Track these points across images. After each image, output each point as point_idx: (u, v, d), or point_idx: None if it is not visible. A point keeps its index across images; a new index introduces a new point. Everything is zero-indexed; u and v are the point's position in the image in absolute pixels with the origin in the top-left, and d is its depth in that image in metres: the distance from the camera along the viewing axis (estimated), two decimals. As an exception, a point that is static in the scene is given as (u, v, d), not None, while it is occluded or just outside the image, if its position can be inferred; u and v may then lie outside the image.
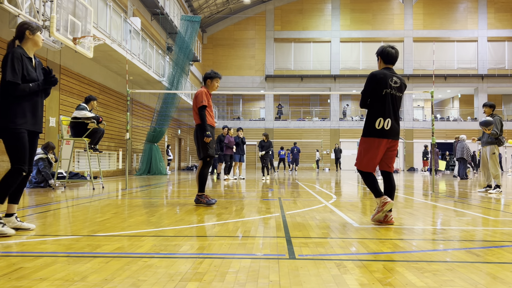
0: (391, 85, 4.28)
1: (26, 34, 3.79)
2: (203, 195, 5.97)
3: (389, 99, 4.26)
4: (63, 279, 2.28)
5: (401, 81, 4.37)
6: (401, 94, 4.36)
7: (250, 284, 2.24)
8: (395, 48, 4.45)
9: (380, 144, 4.25)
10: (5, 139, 3.60)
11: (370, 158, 4.29)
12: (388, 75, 4.29)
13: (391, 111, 4.25)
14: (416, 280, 2.32)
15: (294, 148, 24.22)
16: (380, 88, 4.26)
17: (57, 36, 9.49)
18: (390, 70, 4.39)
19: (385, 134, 4.23)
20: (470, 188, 10.72)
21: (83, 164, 14.00)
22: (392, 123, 4.24)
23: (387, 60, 4.41)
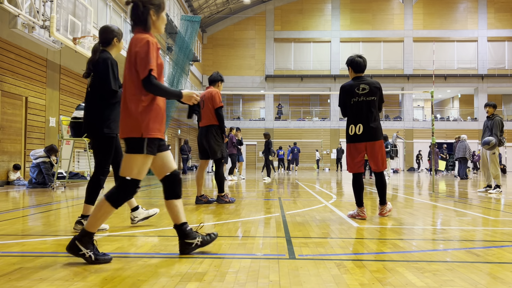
0: (359, 93, 4.69)
1: (114, 41, 3.88)
2: (225, 195, 6.24)
3: (358, 106, 4.67)
4: (63, 279, 2.28)
5: (370, 85, 4.70)
6: (373, 97, 4.68)
7: (250, 284, 2.24)
8: (362, 58, 4.85)
9: (357, 148, 4.70)
10: (98, 143, 3.73)
11: (351, 161, 4.77)
12: (354, 85, 4.73)
13: (362, 117, 4.65)
14: (416, 280, 2.32)
15: (294, 148, 24.18)
16: (349, 98, 4.73)
17: (57, 36, 9.49)
18: (359, 78, 4.80)
19: (359, 138, 4.67)
20: (470, 188, 10.72)
21: (83, 164, 14.00)
22: (364, 127, 4.63)
23: (356, 70, 4.83)
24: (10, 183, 10.27)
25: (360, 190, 4.73)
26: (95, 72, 3.74)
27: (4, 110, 10.24)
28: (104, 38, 3.83)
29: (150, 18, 2.78)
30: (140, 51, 2.65)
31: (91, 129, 3.72)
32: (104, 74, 3.66)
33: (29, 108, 11.15)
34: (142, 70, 2.64)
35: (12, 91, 10.52)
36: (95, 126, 3.68)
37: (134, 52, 2.67)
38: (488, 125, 8.66)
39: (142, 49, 2.65)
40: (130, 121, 2.68)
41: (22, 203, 6.41)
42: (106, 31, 3.84)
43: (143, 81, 2.64)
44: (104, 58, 3.71)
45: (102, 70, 3.67)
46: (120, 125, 2.78)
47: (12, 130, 10.55)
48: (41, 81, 11.79)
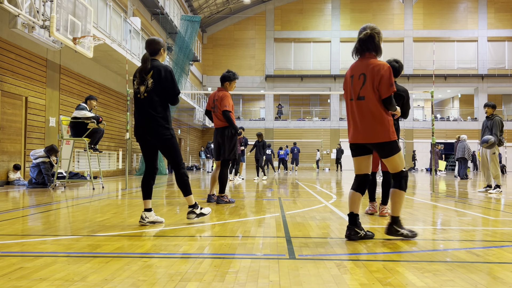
0: None
1: (161, 51, 4.22)
2: (225, 196, 6.27)
3: None
4: (63, 279, 2.28)
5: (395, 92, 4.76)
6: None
7: (250, 284, 2.24)
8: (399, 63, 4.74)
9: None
10: (167, 145, 4.08)
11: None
12: None
13: None
14: (416, 280, 2.32)
15: (294, 148, 24.18)
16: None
17: (57, 36, 9.49)
18: None
19: None
20: (470, 188, 10.72)
21: (83, 164, 14.00)
22: None
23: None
24: (10, 183, 10.27)
25: (373, 186, 5.01)
26: (158, 79, 4.02)
27: (4, 110, 10.24)
28: (153, 49, 4.16)
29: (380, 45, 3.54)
30: (385, 75, 3.36)
31: (155, 134, 4.02)
32: (169, 81, 4.05)
33: (29, 108, 11.15)
34: (385, 92, 3.36)
35: (12, 91, 10.52)
36: (161, 131, 4.02)
37: (380, 75, 3.36)
38: (488, 125, 8.66)
39: (386, 74, 3.36)
40: (384, 129, 3.36)
41: (22, 203, 6.41)
42: (155, 43, 4.18)
43: (386, 99, 3.37)
44: (165, 66, 4.09)
45: (165, 77, 4.04)
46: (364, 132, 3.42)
47: (12, 130, 10.55)
48: (41, 81, 11.79)
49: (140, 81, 4.08)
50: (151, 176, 4.19)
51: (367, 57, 3.48)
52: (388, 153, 3.41)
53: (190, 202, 4.23)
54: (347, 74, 3.63)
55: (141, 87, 4.08)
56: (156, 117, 4.02)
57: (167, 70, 4.07)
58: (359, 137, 3.45)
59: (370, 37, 3.46)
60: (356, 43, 3.56)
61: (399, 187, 3.44)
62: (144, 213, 4.13)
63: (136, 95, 4.13)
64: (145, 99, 4.06)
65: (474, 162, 27.16)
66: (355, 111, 3.46)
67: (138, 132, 4.12)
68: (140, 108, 4.09)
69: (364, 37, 3.47)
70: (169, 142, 4.07)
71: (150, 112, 4.03)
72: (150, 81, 4.04)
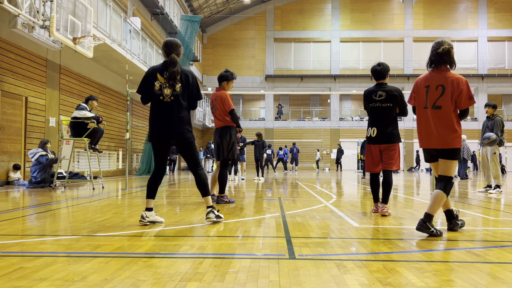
0: (375, 99, 5.02)
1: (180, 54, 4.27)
2: (225, 196, 6.29)
3: (375, 111, 5.04)
4: (63, 279, 2.28)
5: (388, 92, 4.98)
6: (389, 104, 4.96)
7: (250, 284, 2.24)
8: (382, 65, 5.09)
9: (372, 149, 5.12)
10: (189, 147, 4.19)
11: (368, 160, 5.21)
12: (372, 91, 5.07)
13: (377, 121, 5.02)
14: (416, 280, 2.32)
15: (293, 148, 24.21)
16: (367, 103, 5.11)
17: (57, 36, 9.49)
18: (378, 85, 5.10)
19: (373, 140, 5.06)
20: (470, 188, 10.72)
21: (83, 164, 14.00)
22: (378, 131, 4.99)
23: (375, 77, 5.17)
24: (10, 183, 10.27)
25: (377, 187, 5.20)
26: (186, 84, 4.11)
27: (4, 110, 10.24)
28: (179, 52, 4.22)
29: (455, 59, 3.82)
30: (464, 89, 3.65)
31: (181, 136, 4.10)
32: (195, 87, 4.16)
33: (29, 108, 11.15)
34: (465, 103, 3.67)
35: (12, 91, 10.52)
36: (186, 134, 4.12)
37: (460, 89, 3.64)
38: (489, 125, 8.66)
39: (465, 87, 3.65)
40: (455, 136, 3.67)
41: (22, 203, 6.41)
42: (179, 45, 4.23)
43: (465, 110, 3.71)
44: (191, 72, 4.20)
45: (193, 83, 4.15)
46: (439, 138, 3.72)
47: (12, 130, 10.55)
48: (41, 81, 11.79)
49: (168, 83, 4.04)
50: (160, 177, 4.22)
51: (443, 70, 3.77)
52: (450, 157, 3.75)
53: (209, 202, 4.25)
54: (420, 84, 3.87)
55: (166, 90, 4.05)
56: (183, 121, 4.09)
57: (193, 75, 4.20)
58: (433, 142, 3.78)
59: (448, 52, 3.75)
60: (431, 56, 3.82)
61: (444, 190, 3.70)
62: (145, 212, 4.13)
63: (158, 97, 4.07)
64: (171, 103, 4.05)
65: (474, 162, 27.17)
66: (430, 118, 3.75)
67: (160, 135, 4.09)
68: (165, 111, 4.06)
69: (442, 51, 3.75)
70: (192, 145, 4.19)
71: (177, 115, 4.06)
72: (178, 85, 4.06)
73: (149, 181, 4.21)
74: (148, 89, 4.11)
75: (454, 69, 3.80)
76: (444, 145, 3.72)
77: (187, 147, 4.17)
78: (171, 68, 4.04)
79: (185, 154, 4.22)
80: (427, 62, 3.88)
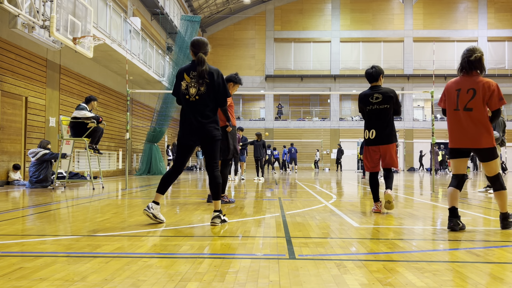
0: (372, 102, 5.13)
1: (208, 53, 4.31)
2: (225, 196, 6.27)
3: (372, 113, 5.14)
4: (63, 279, 2.28)
5: (384, 94, 5.11)
6: (385, 105, 5.09)
7: (250, 284, 2.24)
8: (375, 68, 5.24)
9: (370, 150, 5.22)
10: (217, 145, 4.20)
11: (367, 161, 5.29)
12: (369, 94, 5.19)
13: (375, 123, 5.13)
14: (416, 280, 2.32)
15: (291, 148, 24.28)
16: (364, 106, 5.24)
17: (57, 36, 9.49)
18: (374, 88, 5.23)
19: (372, 142, 5.17)
20: (470, 188, 10.72)
21: (83, 164, 14.00)
22: (376, 132, 5.11)
23: (369, 80, 5.29)
24: (10, 183, 10.27)
25: (376, 186, 5.27)
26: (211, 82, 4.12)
27: (4, 110, 10.24)
28: (206, 50, 4.26)
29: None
30: (495, 91, 3.92)
31: (209, 134, 4.10)
32: (221, 85, 4.15)
33: (29, 108, 11.15)
34: (496, 104, 3.93)
35: (12, 91, 10.52)
36: (214, 131, 4.13)
37: (491, 91, 3.91)
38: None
39: (496, 90, 3.94)
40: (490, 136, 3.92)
41: (22, 203, 6.41)
42: (206, 44, 4.28)
43: (496, 111, 3.97)
44: (217, 70, 4.20)
45: (218, 81, 4.15)
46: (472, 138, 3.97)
47: (12, 130, 10.56)
48: (41, 81, 11.79)
49: (194, 83, 4.08)
50: (176, 175, 4.23)
51: (474, 75, 4.04)
52: (489, 158, 3.99)
53: (217, 206, 4.19)
54: (451, 87, 4.14)
55: (192, 89, 4.09)
56: (208, 119, 4.09)
57: (219, 73, 4.19)
58: (466, 142, 4.01)
59: (479, 60, 4.03)
60: (463, 62, 4.08)
61: (500, 188, 3.98)
62: (152, 203, 4.15)
63: (184, 97, 4.12)
64: (196, 102, 4.08)
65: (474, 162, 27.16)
66: (462, 120, 4.00)
67: (187, 135, 4.12)
68: (191, 110, 4.10)
69: (474, 59, 4.02)
70: (217, 142, 4.20)
71: (201, 114, 4.07)
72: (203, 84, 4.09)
73: (164, 176, 4.22)
74: (178, 90, 4.20)
75: (483, 74, 4.07)
76: (477, 145, 3.95)
77: (211, 144, 4.15)
78: (200, 67, 4.09)
79: (207, 150, 4.19)
80: (458, 67, 4.16)
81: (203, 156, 24.04)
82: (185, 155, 4.25)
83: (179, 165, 4.24)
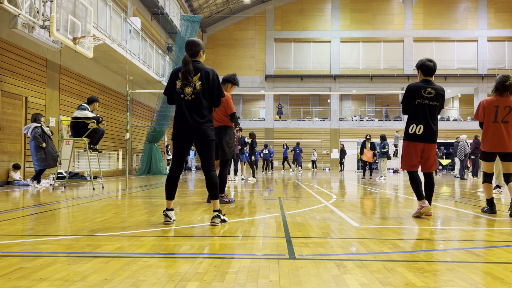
0: (424, 95, 4.86)
1: (200, 53, 4.28)
2: (224, 196, 6.29)
3: (422, 108, 4.86)
4: (63, 279, 2.28)
5: (437, 91, 4.89)
6: (436, 102, 4.89)
7: (250, 284, 2.24)
8: (433, 61, 5.01)
9: (415, 147, 4.90)
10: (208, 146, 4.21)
11: (406, 158, 4.98)
12: (421, 87, 4.90)
13: (424, 119, 4.85)
14: (416, 280, 2.32)
15: (296, 148, 24.23)
16: (413, 99, 4.89)
17: (57, 36, 9.49)
18: (426, 81, 4.96)
19: (417, 138, 4.87)
20: (470, 188, 10.71)
21: (83, 164, 14.00)
22: (424, 128, 4.84)
23: (425, 73, 4.99)
24: (10, 183, 10.27)
25: (418, 184, 4.94)
26: (206, 82, 4.14)
27: (4, 110, 10.24)
28: (194, 51, 4.23)
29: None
30: None
31: (202, 134, 4.13)
32: (216, 84, 4.18)
33: (29, 108, 11.15)
34: None
35: (12, 91, 10.52)
36: (208, 131, 4.15)
37: None
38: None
39: None
40: None
41: (22, 203, 6.41)
42: (195, 44, 4.23)
43: None
44: (212, 70, 4.22)
45: (213, 80, 4.17)
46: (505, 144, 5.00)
47: (12, 130, 10.55)
48: (41, 81, 11.79)
49: (185, 82, 4.12)
50: (177, 175, 4.26)
51: (505, 96, 5.05)
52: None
53: (216, 206, 4.20)
54: (490, 105, 5.09)
55: (187, 88, 4.13)
56: (204, 118, 4.12)
57: (214, 73, 4.22)
58: (499, 147, 5.02)
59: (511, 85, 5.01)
60: (498, 85, 5.06)
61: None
62: (169, 212, 4.21)
63: (179, 95, 4.16)
64: (192, 101, 4.12)
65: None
66: (499, 130, 5.00)
67: (181, 132, 4.16)
68: (186, 109, 4.13)
69: (509, 84, 5.00)
70: (211, 143, 4.21)
71: (197, 113, 4.11)
72: (198, 83, 4.12)
73: (167, 181, 4.23)
74: (171, 89, 4.25)
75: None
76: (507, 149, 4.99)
77: (206, 145, 4.18)
78: (183, 67, 4.14)
79: (202, 152, 4.22)
80: (493, 89, 5.13)
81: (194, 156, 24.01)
82: (182, 154, 4.25)
83: (177, 164, 4.26)
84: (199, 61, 4.25)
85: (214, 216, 4.17)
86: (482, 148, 5.15)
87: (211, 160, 4.22)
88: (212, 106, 4.25)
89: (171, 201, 4.24)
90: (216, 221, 4.16)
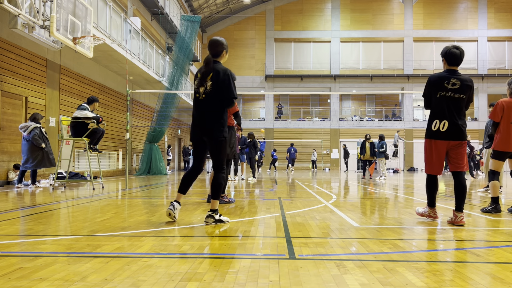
0: (447, 87, 4.31)
1: (223, 53, 4.28)
2: (225, 196, 6.33)
3: (445, 101, 4.31)
4: (63, 279, 2.28)
5: (462, 82, 4.33)
6: (461, 95, 4.33)
7: (250, 284, 2.24)
8: (460, 49, 4.42)
9: (437, 145, 4.35)
10: (218, 146, 4.19)
11: (428, 159, 4.45)
12: (444, 78, 4.34)
13: (448, 113, 4.30)
14: (416, 280, 2.32)
15: (290, 148, 24.36)
16: (435, 91, 4.37)
17: (57, 36, 9.49)
18: (451, 72, 4.40)
19: (441, 135, 4.31)
20: (470, 188, 10.72)
21: (83, 164, 14.00)
22: (449, 124, 4.28)
23: (450, 62, 4.41)
24: (10, 183, 10.27)
25: (434, 189, 4.51)
26: (216, 82, 4.11)
27: (4, 110, 10.24)
28: (216, 51, 4.23)
29: None
30: None
31: (211, 134, 4.13)
32: (226, 84, 4.10)
33: (29, 108, 11.14)
34: None
35: (12, 91, 10.52)
36: (216, 132, 4.12)
37: None
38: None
39: None
40: None
41: (22, 203, 6.41)
42: (218, 44, 4.23)
43: None
44: (224, 69, 4.15)
45: (223, 80, 4.10)
46: None
47: (12, 130, 10.55)
48: (41, 81, 11.79)
49: (200, 82, 4.17)
50: (196, 174, 4.30)
51: None
52: None
53: (214, 206, 4.22)
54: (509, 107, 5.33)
55: (201, 88, 4.18)
56: (213, 119, 4.12)
57: (225, 73, 4.14)
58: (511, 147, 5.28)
59: None
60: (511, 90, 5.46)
61: None
62: (175, 203, 4.25)
63: (195, 95, 4.22)
64: (204, 101, 4.16)
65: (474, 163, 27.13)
66: None
67: (194, 131, 4.22)
68: (198, 108, 4.19)
69: None
70: (221, 144, 4.19)
71: (207, 113, 4.13)
72: (209, 83, 4.13)
73: (184, 175, 4.32)
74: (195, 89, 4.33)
75: None
76: None
77: (216, 145, 4.18)
78: (204, 67, 4.18)
79: (213, 151, 4.24)
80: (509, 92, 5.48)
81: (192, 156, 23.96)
82: (201, 153, 4.31)
83: (197, 164, 4.33)
84: (219, 61, 4.24)
85: (208, 216, 4.20)
86: (497, 148, 5.29)
87: (220, 161, 4.24)
88: (224, 106, 4.20)
89: (181, 195, 4.28)
90: (209, 220, 4.18)
